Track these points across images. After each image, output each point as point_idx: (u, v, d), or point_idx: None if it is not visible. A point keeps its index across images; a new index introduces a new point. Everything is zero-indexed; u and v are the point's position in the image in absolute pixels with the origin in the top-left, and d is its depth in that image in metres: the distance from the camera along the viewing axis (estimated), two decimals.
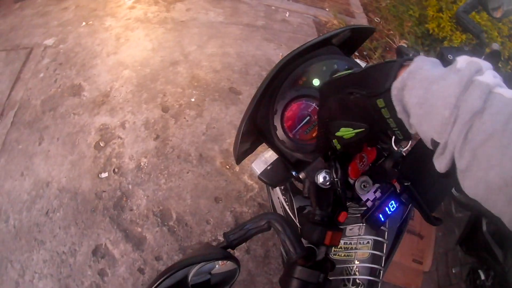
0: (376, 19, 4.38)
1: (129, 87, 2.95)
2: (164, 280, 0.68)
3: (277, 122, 0.90)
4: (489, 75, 0.51)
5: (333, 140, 0.78)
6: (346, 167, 0.91)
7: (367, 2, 4.58)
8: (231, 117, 2.78)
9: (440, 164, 0.53)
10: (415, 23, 4.11)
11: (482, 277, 2.16)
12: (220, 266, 0.83)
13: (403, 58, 0.61)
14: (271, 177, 1.07)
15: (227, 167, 2.54)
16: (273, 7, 4.02)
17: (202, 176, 2.48)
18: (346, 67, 0.93)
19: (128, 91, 2.92)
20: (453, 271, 2.58)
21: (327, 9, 4.19)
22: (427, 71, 0.55)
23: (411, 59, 0.59)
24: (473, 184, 0.49)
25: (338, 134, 0.75)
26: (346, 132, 0.73)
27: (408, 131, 0.61)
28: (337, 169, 0.85)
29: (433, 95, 0.53)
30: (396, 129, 0.62)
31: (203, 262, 0.75)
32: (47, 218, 2.33)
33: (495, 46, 1.33)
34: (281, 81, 0.92)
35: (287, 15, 3.94)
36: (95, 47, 3.33)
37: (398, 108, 0.58)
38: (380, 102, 0.61)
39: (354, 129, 0.72)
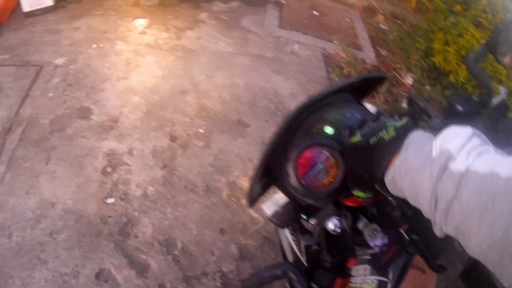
0: (383, 52, 4.65)
1: (138, 113, 3.15)
2: None
3: (290, 169, 0.96)
4: (462, 157, 0.62)
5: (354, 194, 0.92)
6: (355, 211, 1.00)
7: (374, 35, 4.90)
8: (239, 150, 2.99)
9: (435, 231, 0.67)
10: (422, 56, 4.36)
11: None
12: None
13: (393, 145, 0.74)
14: (281, 219, 1.15)
15: (233, 199, 2.73)
16: (282, 39, 4.29)
17: (208, 207, 2.67)
18: (359, 117, 1.02)
19: (137, 117, 3.12)
20: None
21: (335, 42, 4.47)
22: (410, 164, 0.68)
23: (400, 147, 0.72)
24: (465, 246, 0.61)
25: (354, 192, 0.90)
26: (358, 193, 0.89)
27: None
28: (347, 216, 0.94)
29: (415, 186, 0.66)
30: (399, 202, 0.80)
31: None
32: (50, 238, 2.45)
33: (502, 91, 1.40)
34: (295, 128, 1.00)
35: (296, 47, 4.21)
36: (105, 70, 3.54)
37: (395, 192, 0.74)
38: (377, 186, 0.78)
39: (364, 193, 0.88)
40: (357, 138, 0.84)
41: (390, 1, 5.57)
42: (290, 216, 1.14)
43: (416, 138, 0.72)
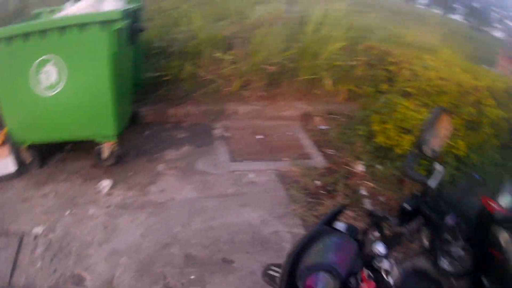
0: (330, 151, 5.37)
1: (130, 273, 3.57)
2: None
3: None
4: None
5: None
6: None
7: (318, 139, 5.68)
8: (232, 285, 3.48)
9: None
10: (365, 142, 5.01)
11: None
12: None
13: None
14: None
15: None
16: (237, 172, 5.00)
17: None
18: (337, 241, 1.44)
19: (130, 277, 3.54)
20: None
21: (285, 159, 5.22)
22: None
23: None
24: None
25: None
26: None
27: None
28: None
29: None
30: None
31: None
32: None
33: (438, 168, 1.72)
34: (295, 267, 1.38)
35: (251, 176, 4.92)
36: (85, 236, 3.94)
37: None
38: None
39: None
40: None
41: (322, 101, 6.35)
42: None
43: None
